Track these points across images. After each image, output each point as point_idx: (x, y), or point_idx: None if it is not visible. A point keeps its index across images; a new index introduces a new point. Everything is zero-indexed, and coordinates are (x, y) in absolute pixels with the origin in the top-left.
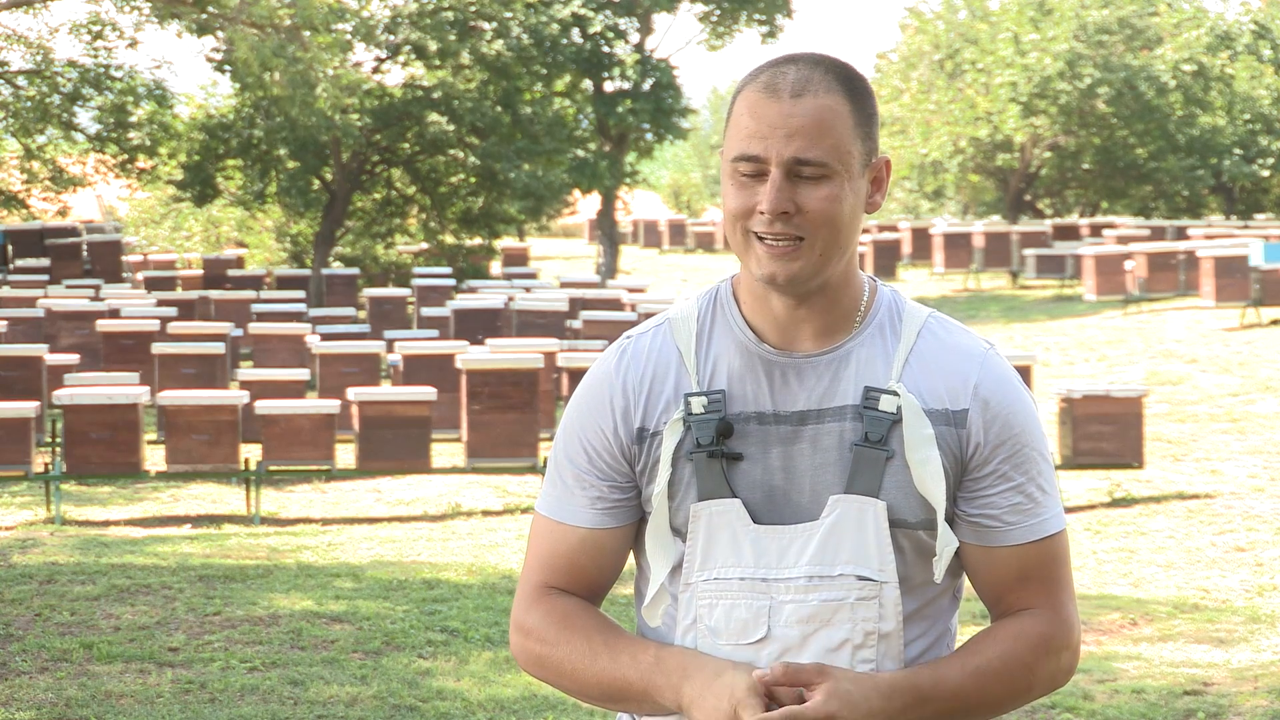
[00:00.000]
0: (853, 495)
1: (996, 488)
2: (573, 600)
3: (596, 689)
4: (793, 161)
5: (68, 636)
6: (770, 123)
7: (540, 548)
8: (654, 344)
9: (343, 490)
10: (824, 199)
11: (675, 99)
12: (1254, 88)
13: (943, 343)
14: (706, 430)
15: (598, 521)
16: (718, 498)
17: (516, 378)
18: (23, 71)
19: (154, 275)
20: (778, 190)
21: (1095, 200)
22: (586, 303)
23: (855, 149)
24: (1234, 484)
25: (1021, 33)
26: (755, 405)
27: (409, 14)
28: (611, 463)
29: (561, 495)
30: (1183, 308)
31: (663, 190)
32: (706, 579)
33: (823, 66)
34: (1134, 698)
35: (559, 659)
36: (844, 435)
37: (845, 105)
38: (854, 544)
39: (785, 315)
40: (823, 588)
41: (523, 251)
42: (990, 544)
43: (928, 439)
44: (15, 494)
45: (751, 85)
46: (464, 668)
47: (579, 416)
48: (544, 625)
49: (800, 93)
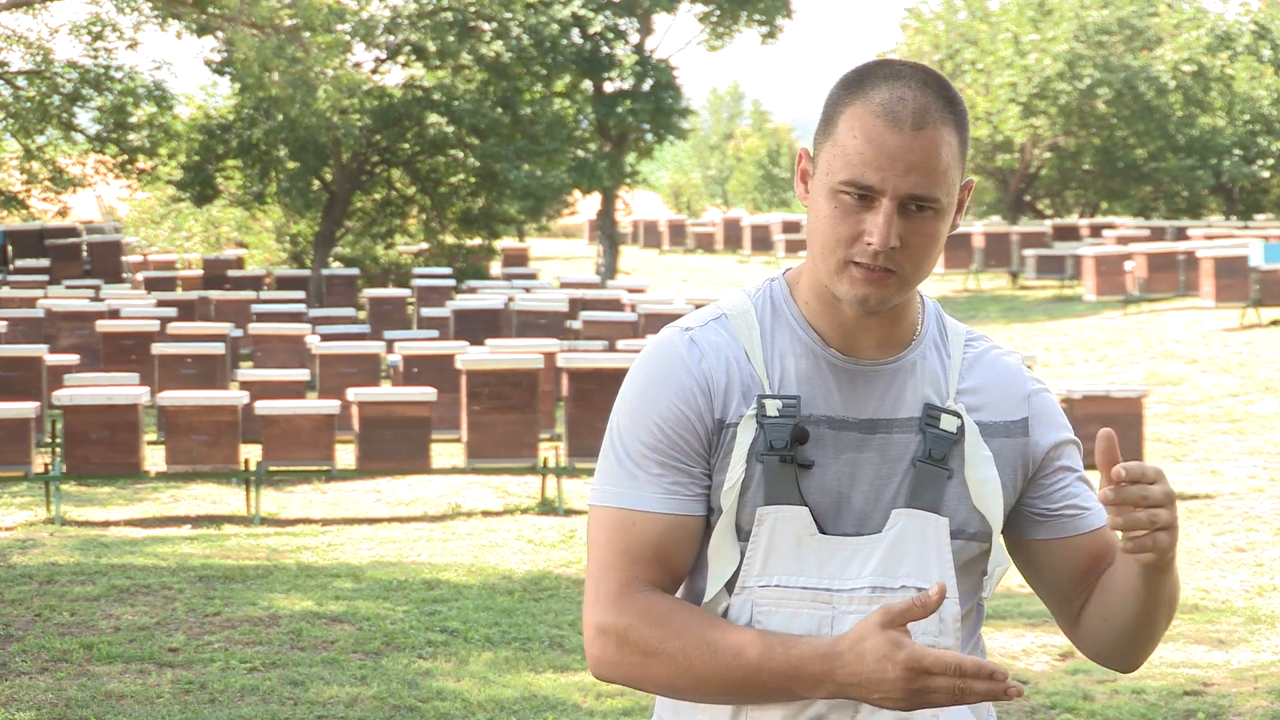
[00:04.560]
0: (916, 510)
1: (1067, 480)
2: (667, 597)
3: (720, 686)
4: (908, 197)
5: (68, 637)
6: (890, 154)
7: (617, 543)
8: (720, 337)
9: (343, 491)
10: (928, 235)
11: (675, 99)
12: (1254, 88)
13: (988, 358)
14: (781, 434)
15: (684, 508)
16: (786, 503)
17: (516, 378)
18: (23, 72)
19: (154, 275)
20: (890, 225)
21: (1095, 201)
22: (586, 303)
23: (957, 180)
24: (1234, 484)
25: (1021, 33)
26: (826, 409)
27: (409, 14)
28: (697, 446)
29: (637, 484)
30: (1183, 308)
31: (663, 190)
32: (766, 585)
33: (933, 90)
34: (1134, 698)
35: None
36: (910, 447)
37: (955, 137)
38: (915, 558)
39: (854, 323)
40: (884, 599)
41: (523, 252)
42: (1073, 533)
43: (986, 459)
44: (15, 494)
45: (864, 104)
46: (464, 668)
47: (654, 402)
48: (646, 625)
49: (922, 125)
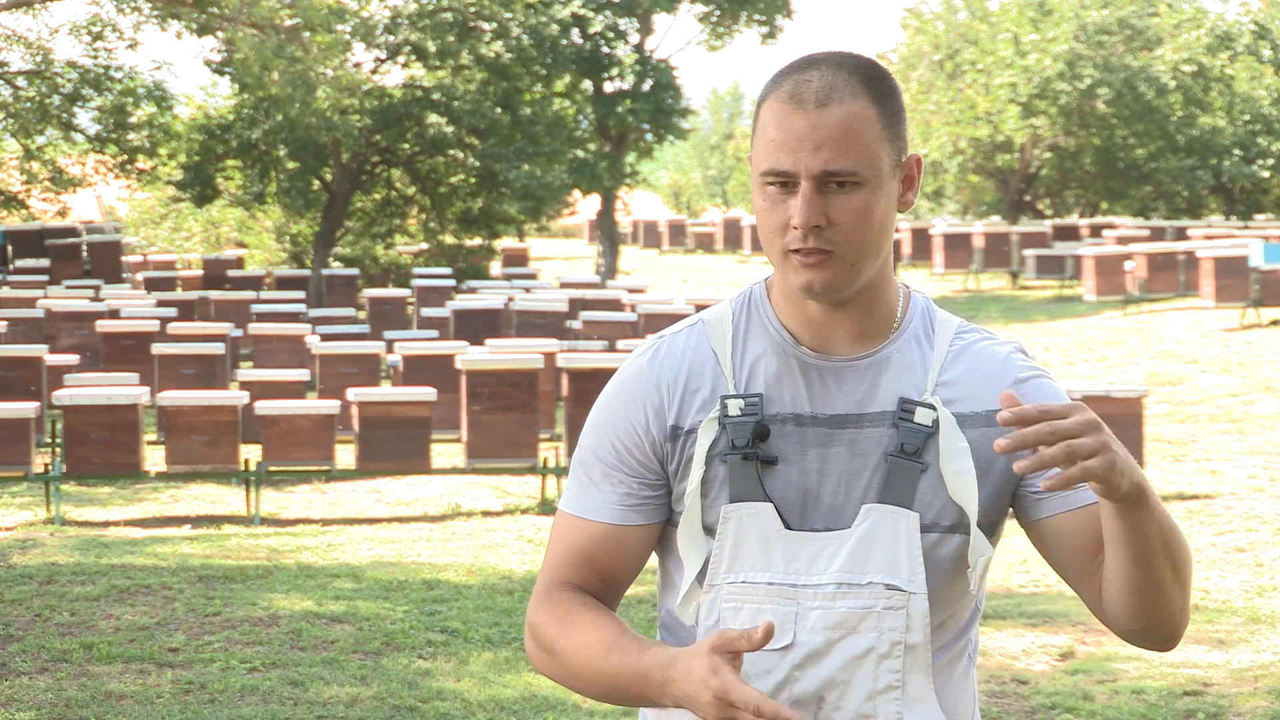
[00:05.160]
0: (886, 505)
1: None
2: (577, 596)
3: (597, 688)
4: (822, 174)
5: (68, 637)
6: (797, 135)
7: (558, 544)
8: (688, 343)
9: (343, 491)
10: (855, 209)
11: (675, 99)
12: (1254, 88)
13: (977, 349)
14: (742, 432)
15: (622, 518)
16: (750, 500)
17: (516, 378)
18: (23, 72)
19: (154, 276)
20: (808, 204)
21: (1095, 201)
22: (586, 303)
23: (884, 153)
24: (1234, 484)
25: (1021, 33)
26: (793, 407)
27: (409, 14)
28: (642, 459)
29: (587, 491)
30: (1183, 308)
31: (663, 191)
32: (733, 582)
33: (846, 69)
34: (1134, 698)
35: (562, 658)
36: (881, 442)
37: (871, 109)
38: (885, 553)
39: (822, 318)
40: (850, 595)
41: (522, 252)
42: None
43: (962, 451)
44: (15, 494)
45: (775, 95)
46: (464, 668)
47: (609, 414)
48: (549, 623)
49: (825, 101)
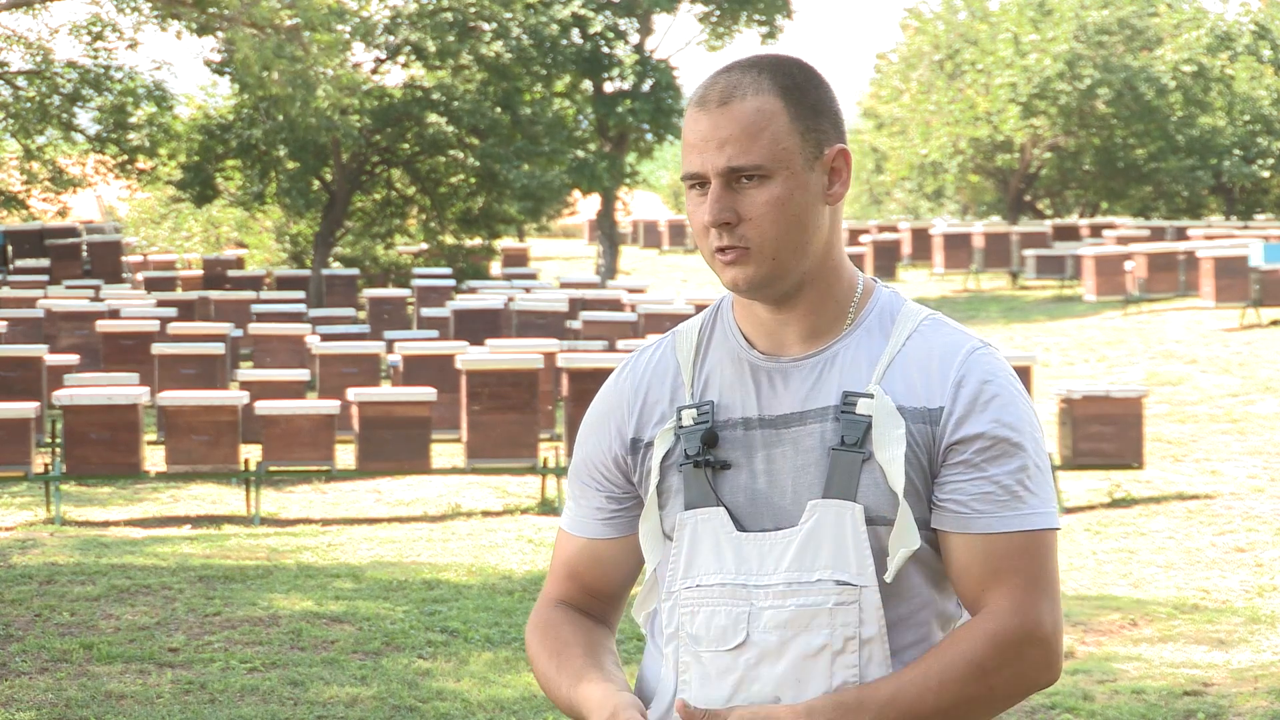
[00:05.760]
0: (830, 500)
1: (965, 476)
2: (560, 613)
3: (563, 706)
4: (727, 170)
5: (68, 637)
6: (703, 136)
7: (554, 560)
8: (654, 357)
9: (343, 491)
10: (765, 203)
11: (675, 99)
12: (1254, 88)
13: (931, 343)
14: (694, 440)
15: (597, 532)
16: (703, 506)
17: (516, 378)
18: (23, 72)
19: (154, 276)
20: (715, 201)
21: (1095, 201)
22: (586, 303)
23: (795, 145)
24: (1234, 484)
25: (1021, 33)
26: (742, 411)
27: (409, 14)
28: (607, 474)
29: (569, 507)
30: (1183, 308)
31: (663, 191)
32: (689, 586)
33: (755, 69)
34: (1134, 698)
35: (538, 673)
36: (824, 436)
37: (777, 103)
38: (832, 548)
39: (770, 320)
40: (800, 593)
41: (523, 252)
42: (958, 530)
43: (898, 439)
44: (15, 494)
45: (690, 101)
46: (464, 668)
47: (586, 432)
48: (534, 639)
49: (728, 100)
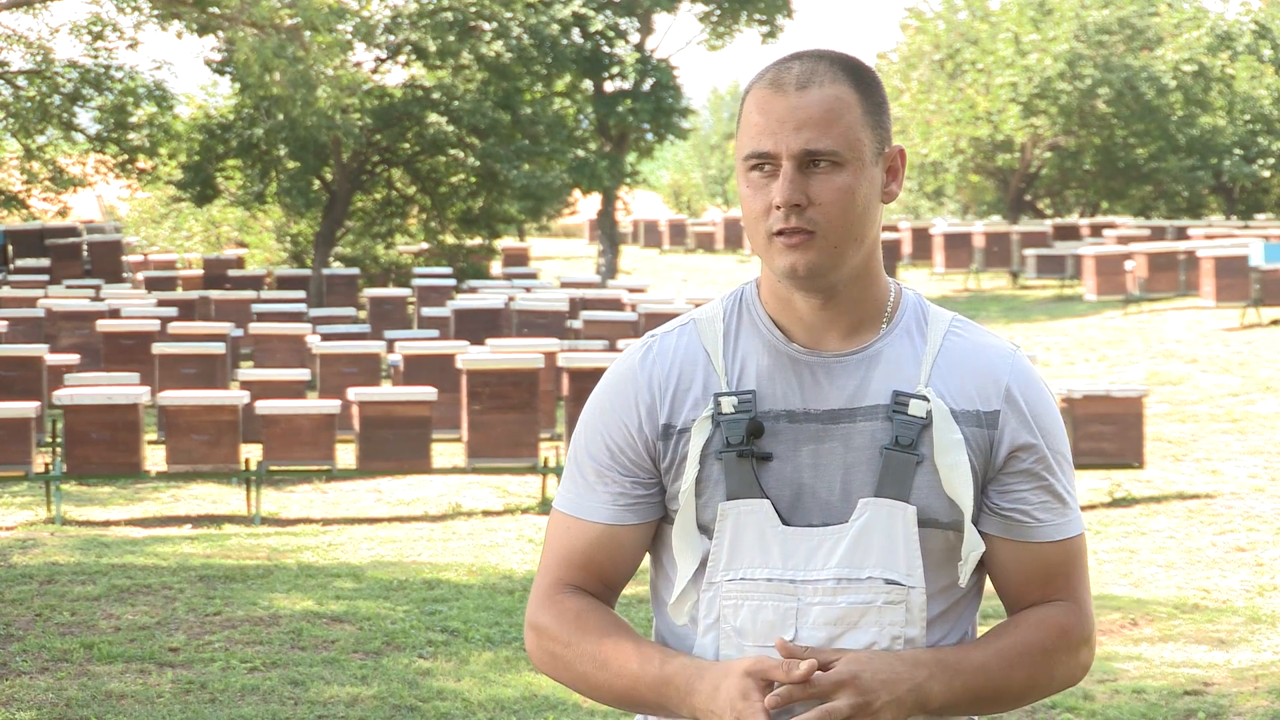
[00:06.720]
0: (883, 499)
1: (1028, 484)
2: (585, 600)
3: (609, 694)
4: (803, 153)
5: (68, 637)
6: (778, 117)
7: (557, 544)
8: (680, 343)
9: (343, 490)
10: (837, 189)
11: (675, 99)
12: (1254, 88)
13: (971, 344)
14: (736, 429)
15: (617, 518)
16: (746, 497)
17: (517, 378)
18: (23, 72)
19: (154, 275)
20: (790, 182)
21: (1095, 200)
22: (587, 303)
23: (866, 138)
24: (1234, 484)
25: (1022, 33)
26: (785, 404)
27: (409, 14)
28: (635, 459)
29: (581, 491)
30: (1183, 308)
31: (663, 190)
32: (732, 579)
33: (827, 59)
34: (1134, 698)
35: (571, 662)
36: (875, 435)
37: (853, 95)
38: (883, 547)
39: (811, 314)
40: (850, 590)
41: (523, 251)
42: (1020, 539)
43: (957, 443)
44: (15, 494)
45: (758, 84)
46: (464, 668)
47: (601, 413)
48: (557, 626)
49: (806, 84)
